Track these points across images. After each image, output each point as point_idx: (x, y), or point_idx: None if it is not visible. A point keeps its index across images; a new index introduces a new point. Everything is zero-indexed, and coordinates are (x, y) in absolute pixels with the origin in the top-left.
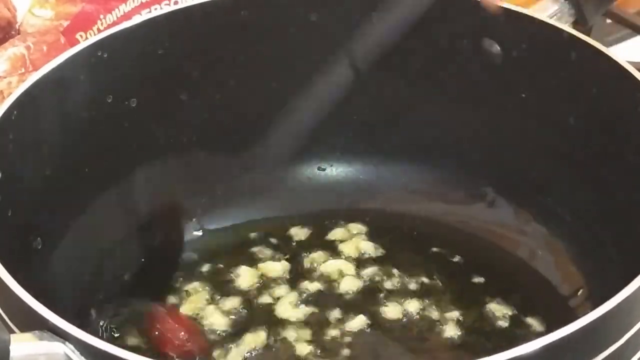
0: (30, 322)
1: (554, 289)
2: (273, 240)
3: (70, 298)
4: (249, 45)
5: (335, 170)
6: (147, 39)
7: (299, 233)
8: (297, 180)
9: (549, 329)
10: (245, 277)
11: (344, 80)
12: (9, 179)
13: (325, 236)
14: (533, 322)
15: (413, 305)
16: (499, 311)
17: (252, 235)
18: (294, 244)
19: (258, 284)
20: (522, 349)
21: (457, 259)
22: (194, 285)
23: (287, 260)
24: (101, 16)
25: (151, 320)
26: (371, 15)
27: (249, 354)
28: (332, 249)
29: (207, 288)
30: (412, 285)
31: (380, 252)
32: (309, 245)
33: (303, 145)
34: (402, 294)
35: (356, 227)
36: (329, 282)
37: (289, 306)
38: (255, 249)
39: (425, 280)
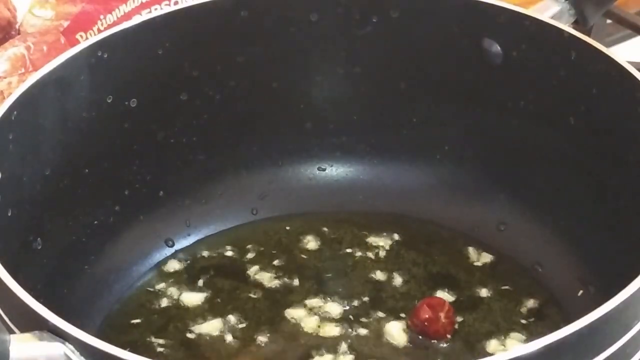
0: (30, 322)
1: (554, 289)
2: None
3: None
4: (249, 45)
5: (335, 170)
6: (147, 39)
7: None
8: (297, 180)
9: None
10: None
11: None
12: (9, 179)
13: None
14: (532, 322)
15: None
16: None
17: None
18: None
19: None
20: (522, 349)
21: (456, 260)
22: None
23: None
24: (101, 16)
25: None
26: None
27: None
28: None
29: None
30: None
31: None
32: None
33: (303, 145)
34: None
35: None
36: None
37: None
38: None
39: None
